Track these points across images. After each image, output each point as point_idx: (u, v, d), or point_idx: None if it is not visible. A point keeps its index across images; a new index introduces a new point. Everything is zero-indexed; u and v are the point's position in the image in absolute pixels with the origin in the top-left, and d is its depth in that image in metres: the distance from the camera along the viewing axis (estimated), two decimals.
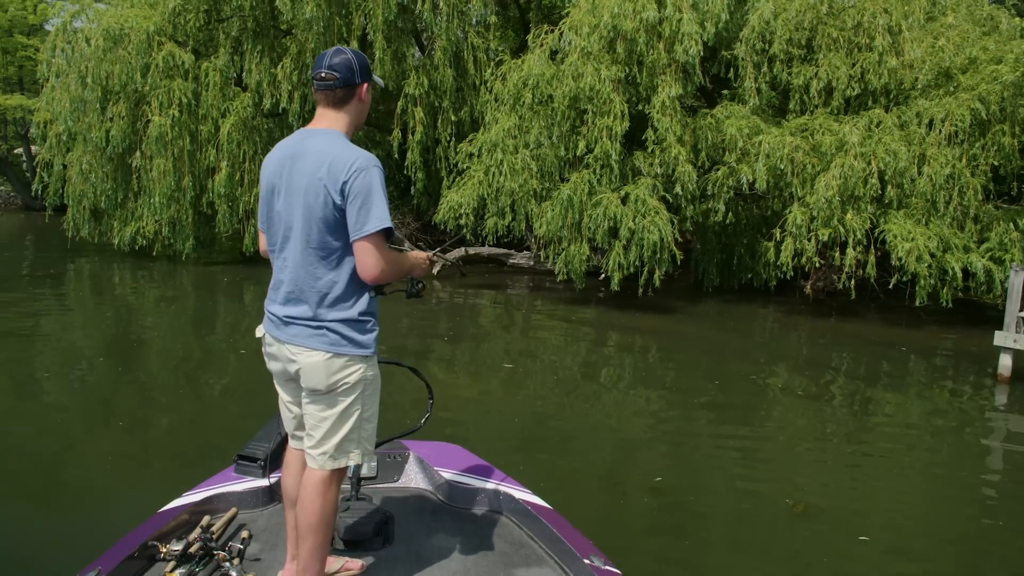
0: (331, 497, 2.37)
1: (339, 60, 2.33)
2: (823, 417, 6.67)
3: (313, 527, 2.33)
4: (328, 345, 2.30)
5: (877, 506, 4.76)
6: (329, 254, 2.29)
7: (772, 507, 4.66)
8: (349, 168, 2.22)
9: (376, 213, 2.22)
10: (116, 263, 15.09)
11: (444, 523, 2.90)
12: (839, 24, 11.02)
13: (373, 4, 13.40)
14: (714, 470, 5.32)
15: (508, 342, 9.45)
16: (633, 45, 10.68)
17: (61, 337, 9.12)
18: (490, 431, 6.04)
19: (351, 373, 2.33)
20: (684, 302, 11.95)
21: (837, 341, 9.96)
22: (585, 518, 4.45)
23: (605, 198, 10.44)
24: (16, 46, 28.72)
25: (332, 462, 2.36)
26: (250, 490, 3.00)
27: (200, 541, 2.58)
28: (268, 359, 2.47)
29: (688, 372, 8.06)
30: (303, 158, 2.30)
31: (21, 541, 4.08)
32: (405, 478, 3.25)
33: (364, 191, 2.22)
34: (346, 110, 2.38)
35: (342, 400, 2.34)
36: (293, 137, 2.41)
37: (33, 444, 5.53)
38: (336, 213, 2.25)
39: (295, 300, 2.34)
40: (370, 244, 2.24)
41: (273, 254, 2.42)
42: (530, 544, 2.77)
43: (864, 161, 9.81)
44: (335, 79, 2.32)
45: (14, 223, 26.87)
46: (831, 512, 4.63)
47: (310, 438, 2.38)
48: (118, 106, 14.00)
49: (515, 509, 2.96)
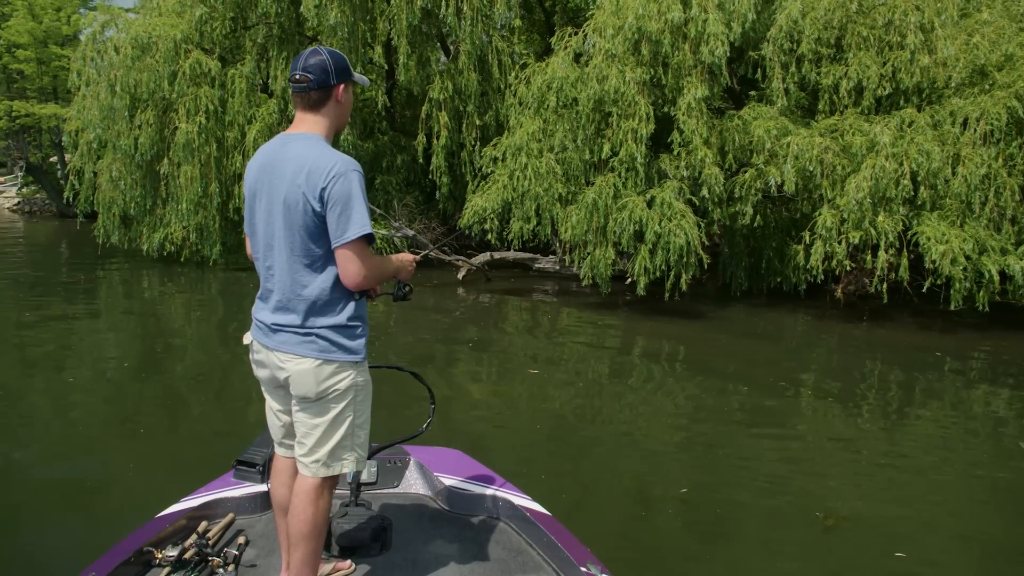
0: (323, 505, 2.35)
1: (314, 62, 2.30)
2: (855, 426, 6.49)
3: (305, 535, 2.31)
4: (317, 352, 2.28)
5: (913, 519, 4.60)
6: (313, 261, 2.26)
7: (802, 520, 4.51)
8: (328, 174, 2.19)
9: (356, 219, 2.19)
10: (145, 269, 15.22)
11: (442, 529, 2.89)
12: (869, 22, 10.79)
13: (397, 9, 13.40)
14: (741, 481, 5.17)
15: (533, 348, 9.36)
16: (658, 46, 10.54)
17: (86, 342, 9.18)
18: (514, 439, 5.96)
19: (341, 379, 2.31)
20: (712, 307, 11.78)
21: (869, 346, 9.74)
22: (609, 529, 4.37)
23: (631, 201, 10.31)
24: (51, 56, 29.24)
25: (325, 469, 2.34)
26: (248, 496, 2.99)
27: (196, 547, 2.58)
28: (256, 366, 2.45)
29: (716, 379, 7.90)
30: (282, 164, 2.27)
31: (17, 544, 4.07)
32: (405, 484, 3.24)
33: (343, 197, 2.19)
34: (324, 112, 2.34)
35: (333, 407, 2.32)
36: (273, 142, 2.39)
37: (41, 447, 5.59)
38: (317, 220, 2.22)
39: (283, 308, 2.31)
40: (351, 251, 2.21)
41: (257, 261, 2.40)
42: (528, 551, 2.76)
43: (896, 162, 9.58)
44: (309, 81, 2.28)
45: (49, 229, 27.29)
46: (864, 525, 4.47)
47: (301, 446, 2.36)
48: (146, 114, 14.14)
49: (514, 516, 2.95)
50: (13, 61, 29.56)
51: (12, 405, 6.59)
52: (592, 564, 2.59)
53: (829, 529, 4.41)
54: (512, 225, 11.66)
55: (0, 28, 29.44)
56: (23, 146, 32.82)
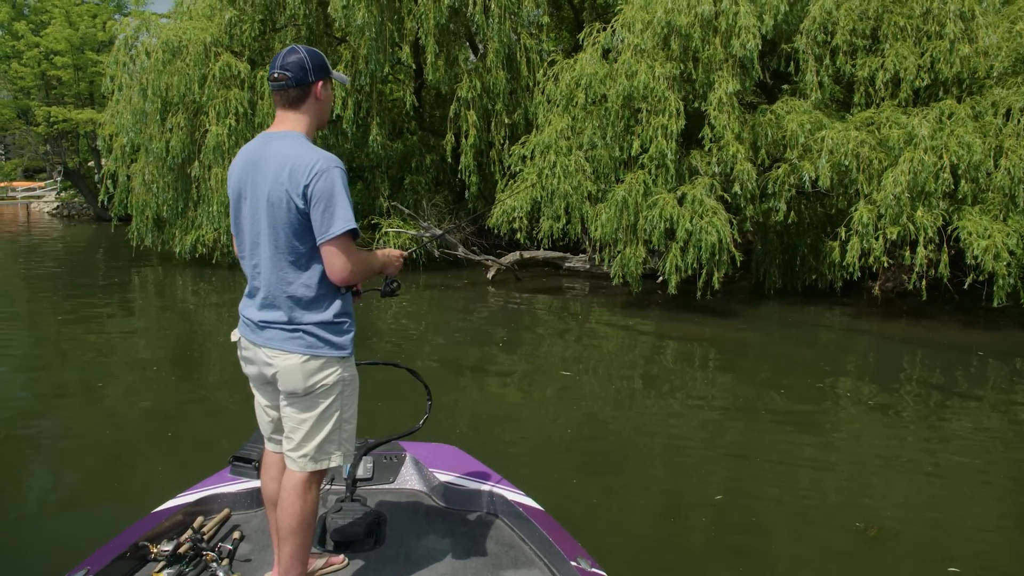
0: (311, 499, 2.37)
1: (292, 60, 2.33)
2: (894, 429, 6.28)
3: (294, 529, 2.34)
4: (304, 348, 2.31)
5: (962, 529, 4.36)
6: (298, 258, 2.29)
7: (840, 529, 4.30)
8: (310, 171, 2.21)
9: (340, 215, 2.22)
10: (178, 271, 15.37)
11: (436, 524, 2.92)
12: (906, 12, 10.50)
13: (424, 8, 13.37)
14: (774, 485, 4.99)
15: (564, 348, 9.24)
16: (688, 41, 10.36)
17: (110, 344, 9.27)
18: (540, 441, 5.85)
19: (329, 375, 2.34)
20: (745, 305, 11.56)
21: (908, 346, 9.46)
22: (641, 538, 4.25)
23: (661, 199, 10.15)
24: (87, 62, 29.73)
25: (313, 464, 2.36)
26: (244, 491, 3.03)
27: (191, 542, 2.60)
28: (244, 363, 2.48)
29: (749, 380, 7.72)
30: (265, 163, 2.29)
31: (12, 538, 4.08)
32: (400, 479, 3.27)
33: (327, 194, 2.21)
34: (303, 110, 2.37)
35: (321, 402, 2.35)
36: (255, 141, 2.41)
37: (52, 440, 5.69)
38: (300, 217, 2.24)
39: (269, 305, 2.34)
40: (336, 247, 2.24)
41: (243, 259, 2.43)
42: (520, 546, 2.78)
43: (935, 155, 9.30)
44: (287, 79, 2.32)
45: (86, 233, 27.77)
46: (909, 536, 4.25)
47: (289, 441, 2.38)
48: (177, 117, 14.26)
49: (507, 511, 2.98)
50: (51, 68, 30.09)
51: (28, 401, 6.64)
52: (583, 559, 2.62)
53: (871, 540, 4.19)
54: (541, 224, 11.56)
55: (39, 35, 29.98)
56: (61, 151, 33.46)
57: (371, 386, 2.54)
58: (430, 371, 7.88)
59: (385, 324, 10.72)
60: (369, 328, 10.10)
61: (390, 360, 3.36)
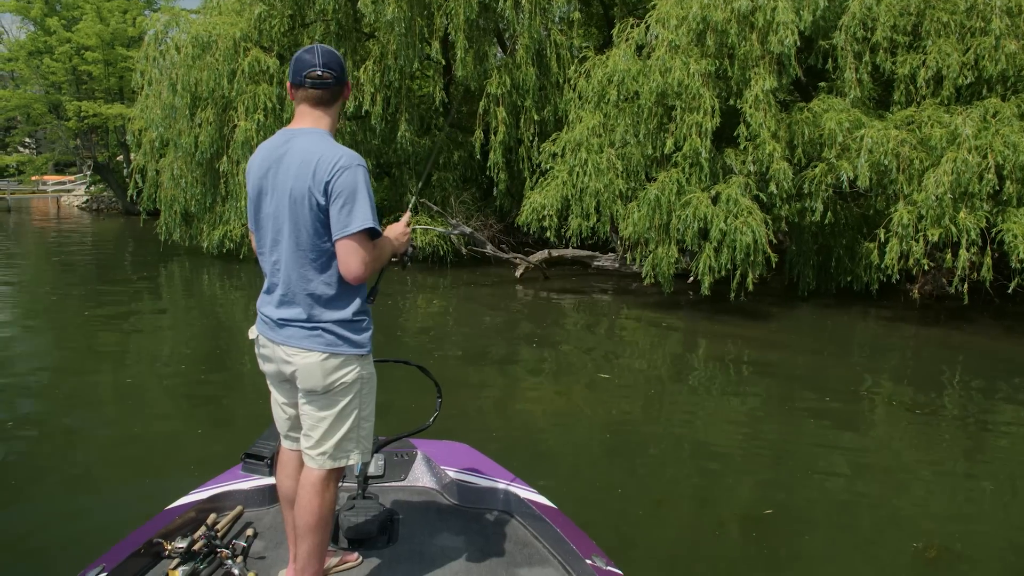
0: (329, 497, 2.38)
1: (333, 59, 2.33)
2: (941, 439, 6.04)
3: (312, 526, 2.34)
4: (324, 346, 2.30)
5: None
6: (319, 255, 2.27)
7: (897, 551, 4.00)
8: (333, 167, 2.20)
9: (359, 212, 2.21)
10: (206, 266, 15.40)
11: (449, 522, 2.91)
12: (949, 7, 10.22)
13: (455, 4, 13.26)
14: (815, 498, 4.74)
15: (593, 350, 9.08)
16: (724, 37, 10.16)
17: (134, 340, 9.25)
18: (564, 443, 5.70)
19: (347, 372, 2.34)
20: (778, 307, 11.33)
21: (949, 351, 9.20)
22: (664, 541, 4.11)
23: (695, 198, 9.96)
24: (117, 58, 29.97)
25: (331, 462, 2.37)
26: (257, 488, 3.03)
27: (204, 539, 2.60)
28: (262, 361, 2.47)
29: (785, 386, 7.52)
30: (288, 159, 2.29)
31: (25, 535, 4.03)
32: (412, 477, 3.27)
33: (348, 190, 2.20)
34: (332, 109, 2.38)
35: (340, 400, 2.35)
36: (276, 138, 2.40)
37: (66, 436, 5.66)
38: (322, 214, 2.23)
39: (288, 302, 2.33)
40: (354, 243, 2.22)
41: (263, 256, 2.42)
42: (534, 544, 2.77)
43: (979, 155, 9.04)
44: (332, 77, 2.33)
45: (115, 227, 28.02)
46: (975, 558, 3.93)
47: (308, 438, 2.39)
48: (206, 112, 14.26)
49: (520, 509, 2.97)
50: (82, 63, 30.36)
51: (41, 399, 6.61)
52: (598, 556, 2.58)
53: (932, 562, 3.93)
54: (570, 222, 11.41)
55: (70, 31, 30.26)
56: (91, 146, 33.78)
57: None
58: (453, 369, 7.81)
59: (412, 322, 10.63)
60: (395, 325, 10.02)
61: (401, 358, 3.36)
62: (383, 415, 2.47)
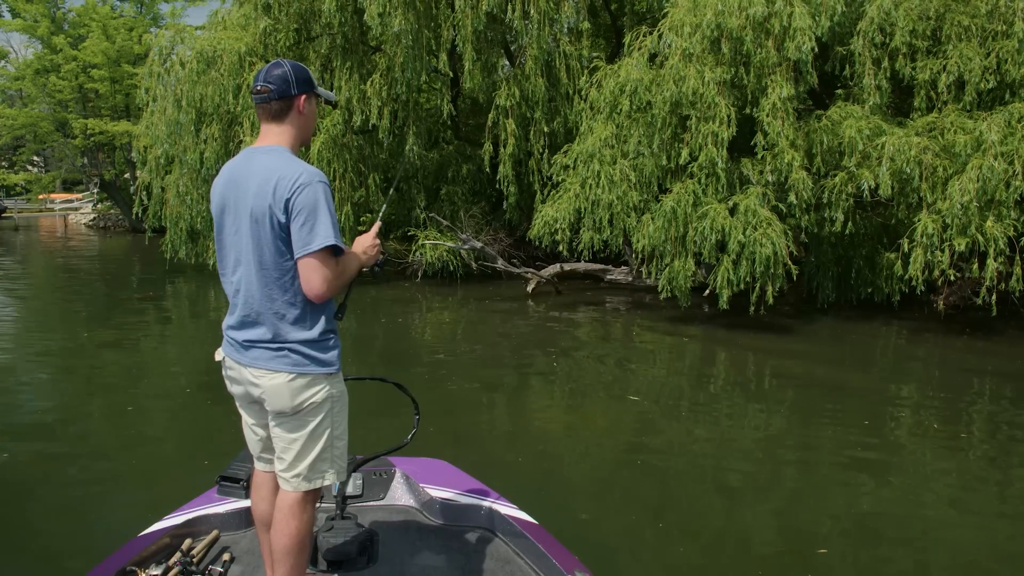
0: (306, 518, 2.35)
1: (275, 73, 2.31)
2: (976, 457, 5.75)
3: (289, 549, 2.31)
4: (291, 366, 2.27)
5: None
6: (283, 275, 2.24)
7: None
8: (293, 184, 2.17)
9: (321, 230, 2.18)
10: (212, 284, 15.17)
11: (429, 541, 2.89)
12: (970, 11, 9.96)
13: (462, 15, 13.06)
14: (838, 530, 4.38)
15: (607, 366, 8.80)
16: (739, 44, 9.91)
17: (141, 361, 9.03)
18: (588, 471, 5.43)
19: (316, 392, 2.30)
20: (798, 320, 11.04)
21: (977, 365, 8.85)
22: (661, 569, 3.86)
23: (712, 209, 9.70)
24: (123, 75, 29.95)
25: (307, 483, 2.33)
26: (233, 512, 2.98)
27: (180, 565, 2.56)
28: (229, 382, 2.44)
29: (807, 403, 7.21)
30: (248, 178, 2.25)
31: None
32: (391, 496, 3.23)
33: (308, 207, 2.17)
34: (287, 124, 2.33)
35: (310, 420, 2.31)
36: (239, 157, 2.37)
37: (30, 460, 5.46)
38: (284, 233, 2.20)
39: (253, 323, 2.30)
40: (316, 260, 2.19)
41: (225, 276, 2.38)
42: (516, 561, 2.74)
43: (1005, 161, 8.76)
44: (270, 91, 2.29)
45: (121, 244, 27.93)
46: None
47: (281, 461, 2.35)
48: (211, 128, 14.09)
49: (502, 526, 2.94)
50: (89, 81, 30.35)
51: (37, 416, 6.38)
52: (581, 572, 2.56)
53: None
54: (582, 235, 11.16)
55: (77, 49, 30.26)
56: (98, 163, 33.76)
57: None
58: (457, 386, 7.61)
59: (420, 339, 10.38)
60: (403, 342, 9.77)
61: (377, 376, 3.28)
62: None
